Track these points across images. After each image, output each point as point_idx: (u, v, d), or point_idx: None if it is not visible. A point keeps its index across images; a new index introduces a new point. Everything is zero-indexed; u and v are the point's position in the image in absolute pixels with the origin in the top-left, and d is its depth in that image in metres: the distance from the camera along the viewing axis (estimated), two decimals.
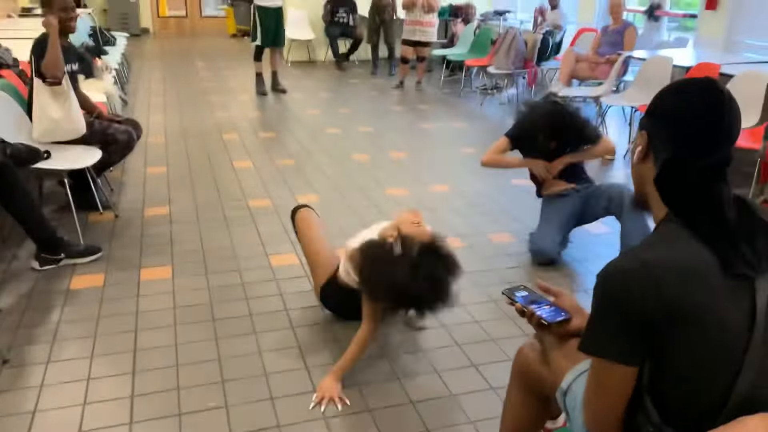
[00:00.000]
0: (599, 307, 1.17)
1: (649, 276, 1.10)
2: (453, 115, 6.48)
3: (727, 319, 1.10)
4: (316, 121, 6.09)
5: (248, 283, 2.96)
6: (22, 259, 3.13)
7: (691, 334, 1.10)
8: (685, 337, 1.10)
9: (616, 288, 1.13)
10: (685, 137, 1.18)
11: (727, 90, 1.19)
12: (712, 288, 1.10)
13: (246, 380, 2.27)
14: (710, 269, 1.11)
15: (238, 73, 8.63)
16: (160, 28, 13.59)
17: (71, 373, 2.28)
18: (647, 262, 1.12)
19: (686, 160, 1.18)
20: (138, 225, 3.59)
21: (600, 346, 1.16)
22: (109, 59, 6.50)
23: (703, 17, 6.05)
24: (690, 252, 1.12)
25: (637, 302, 1.10)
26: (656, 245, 1.16)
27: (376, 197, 4.09)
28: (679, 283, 1.09)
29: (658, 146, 1.22)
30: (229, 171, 4.56)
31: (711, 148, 1.17)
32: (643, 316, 1.10)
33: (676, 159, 1.19)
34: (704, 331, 1.10)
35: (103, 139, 3.63)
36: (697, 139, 1.17)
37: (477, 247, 3.40)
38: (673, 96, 1.22)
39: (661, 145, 1.21)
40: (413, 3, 7.43)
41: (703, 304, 1.09)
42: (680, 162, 1.19)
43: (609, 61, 5.84)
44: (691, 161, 1.18)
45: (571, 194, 3.26)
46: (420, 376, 2.31)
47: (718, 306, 1.10)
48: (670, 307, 1.09)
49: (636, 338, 1.13)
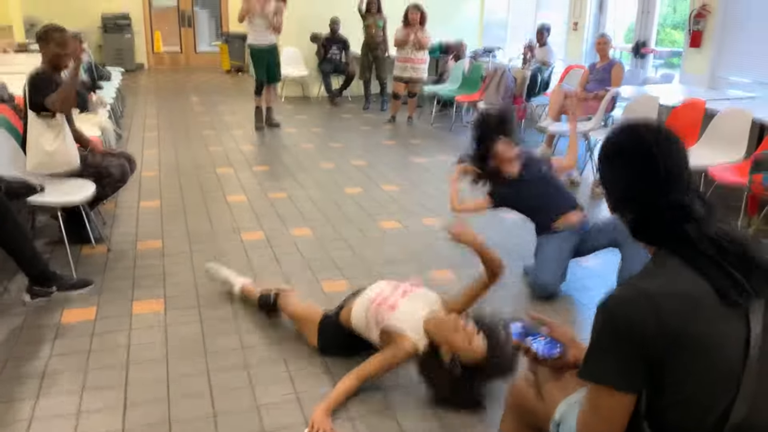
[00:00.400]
0: (599, 336, 1.18)
1: (648, 305, 1.12)
2: (444, 149, 6.56)
3: (724, 346, 1.12)
4: (310, 155, 6.15)
5: (240, 316, 2.95)
6: (12, 292, 3.12)
7: (689, 361, 1.11)
8: (684, 364, 1.11)
9: (617, 317, 1.15)
10: (628, 187, 1.26)
11: (664, 130, 1.23)
12: (709, 316, 1.12)
13: (238, 414, 2.25)
14: (706, 297, 1.13)
15: (232, 108, 8.71)
16: (155, 63, 13.74)
17: (61, 408, 2.26)
18: (646, 292, 1.14)
19: (645, 213, 1.24)
20: (131, 258, 3.59)
21: (600, 373, 1.17)
22: (104, 94, 6.56)
23: (688, 54, 6.20)
24: (686, 281, 1.15)
25: (638, 331, 1.12)
26: (654, 275, 1.18)
27: (369, 230, 4.12)
28: (678, 312, 1.11)
29: (617, 205, 1.31)
30: (223, 204, 4.58)
31: (657, 193, 1.22)
32: (643, 344, 1.12)
33: (636, 217, 1.26)
34: (702, 358, 1.11)
35: (97, 173, 3.65)
36: (639, 187, 1.24)
37: (469, 279, 3.40)
38: (610, 153, 1.31)
39: (619, 204, 1.30)
40: (405, 41, 7.58)
41: (702, 331, 1.11)
42: (642, 218, 1.25)
43: (597, 97, 5.95)
44: (649, 213, 1.23)
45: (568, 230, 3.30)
46: (413, 410, 2.30)
47: (716, 333, 1.12)
48: (669, 335, 1.11)
49: (636, 366, 1.14)
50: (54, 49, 3.41)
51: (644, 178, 1.21)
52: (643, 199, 1.22)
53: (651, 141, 1.21)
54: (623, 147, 1.25)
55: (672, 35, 7.39)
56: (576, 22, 7.83)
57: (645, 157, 1.21)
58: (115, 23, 12.22)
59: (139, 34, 12.96)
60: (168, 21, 13.83)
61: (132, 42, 12.54)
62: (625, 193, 1.24)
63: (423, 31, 7.59)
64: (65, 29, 3.49)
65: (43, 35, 3.42)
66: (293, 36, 9.45)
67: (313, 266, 3.53)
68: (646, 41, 6.96)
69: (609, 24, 7.63)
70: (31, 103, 3.39)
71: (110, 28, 12.19)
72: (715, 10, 5.86)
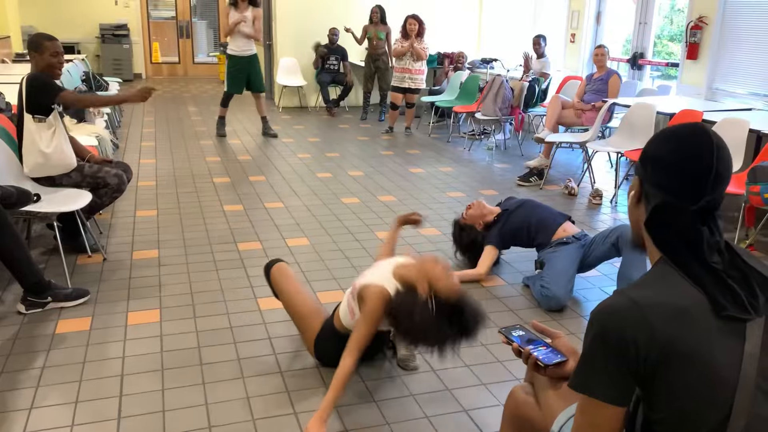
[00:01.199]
0: (591, 346, 1.17)
1: (641, 316, 1.11)
2: (441, 159, 6.56)
3: (717, 361, 1.10)
4: (307, 165, 6.14)
5: (237, 327, 2.93)
6: (7, 303, 3.09)
7: (681, 375, 1.10)
8: (675, 377, 1.10)
9: (608, 328, 1.14)
10: (674, 183, 1.20)
11: (717, 135, 1.21)
12: (704, 329, 1.11)
13: (233, 426, 2.23)
14: (702, 310, 1.12)
15: (229, 118, 8.70)
16: (153, 73, 13.75)
17: (55, 420, 2.23)
18: (639, 302, 1.13)
19: (675, 205, 1.20)
20: (126, 268, 3.57)
21: (590, 385, 1.16)
22: None
23: (685, 66, 6.23)
24: (682, 293, 1.13)
25: (629, 342, 1.11)
26: (649, 285, 1.17)
27: (366, 240, 4.10)
28: (670, 324, 1.10)
29: (649, 191, 1.24)
30: (219, 214, 4.57)
31: (699, 194, 1.19)
32: (634, 356, 1.11)
33: (664, 205, 1.21)
34: (694, 372, 1.10)
35: (93, 182, 3.64)
36: (686, 185, 1.19)
37: (467, 290, 3.39)
38: (663, 142, 1.24)
39: (652, 190, 1.23)
40: (402, 52, 7.60)
41: (694, 345, 1.10)
42: (668, 207, 1.21)
43: (594, 108, 5.96)
44: (680, 206, 1.20)
45: (573, 242, 3.34)
46: (410, 422, 2.28)
47: (709, 347, 1.10)
48: (661, 347, 1.10)
49: (626, 378, 1.13)
50: (49, 58, 3.41)
51: (695, 174, 1.19)
52: (684, 194, 1.19)
53: (714, 141, 1.19)
54: (685, 137, 1.21)
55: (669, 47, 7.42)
56: (573, 33, 7.86)
57: (705, 154, 1.18)
58: (113, 33, 12.25)
59: (137, 45, 12.99)
60: (166, 31, 13.87)
61: (130, 52, 12.56)
62: (667, 181, 1.21)
63: (421, 42, 7.62)
64: (56, 38, 3.50)
65: (36, 45, 3.42)
66: (290, 46, 9.49)
67: (310, 276, 3.52)
68: (644, 53, 6.98)
69: (606, 35, 7.66)
70: (28, 105, 3.39)
71: (108, 39, 12.21)
72: (711, 22, 5.89)
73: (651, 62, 6.98)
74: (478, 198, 3.97)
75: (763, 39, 5.52)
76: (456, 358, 2.70)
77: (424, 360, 2.68)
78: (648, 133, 5.20)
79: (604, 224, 4.59)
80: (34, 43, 3.44)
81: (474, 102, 7.65)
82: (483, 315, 2.25)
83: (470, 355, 2.74)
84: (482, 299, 3.29)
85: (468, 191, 5.33)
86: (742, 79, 5.77)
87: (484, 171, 6.11)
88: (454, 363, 2.67)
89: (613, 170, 5.90)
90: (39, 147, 3.41)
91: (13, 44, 9.07)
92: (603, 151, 5.59)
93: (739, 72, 5.79)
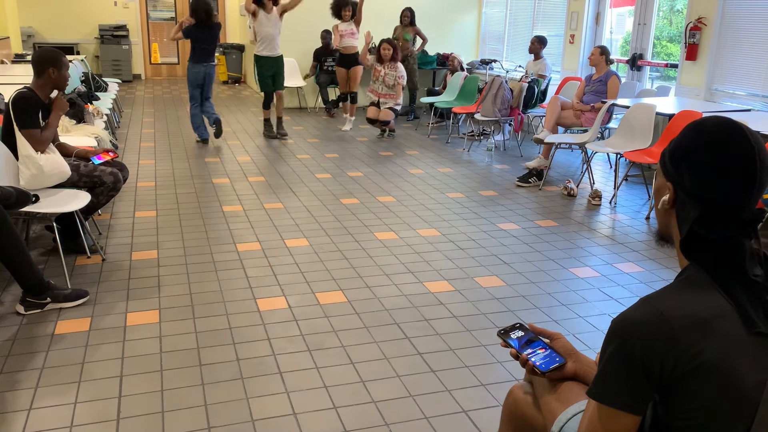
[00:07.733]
0: (613, 356, 1.13)
1: (666, 329, 1.08)
2: (440, 160, 6.56)
3: (742, 376, 1.07)
4: (306, 166, 6.14)
5: (236, 328, 2.93)
6: (6, 304, 3.09)
7: (704, 388, 1.08)
8: (698, 390, 1.08)
9: (630, 340, 1.10)
10: (716, 193, 1.12)
11: (754, 135, 1.13)
12: (731, 343, 1.07)
13: (233, 427, 2.23)
14: (731, 324, 1.08)
15: (229, 119, 8.71)
16: (152, 74, 13.75)
17: (54, 421, 2.23)
18: (665, 314, 1.09)
19: (718, 217, 1.13)
20: (126, 269, 3.56)
21: (610, 395, 1.14)
22: (101, 104, 6.55)
23: (684, 67, 6.23)
24: (711, 304, 1.09)
25: (654, 355, 1.08)
26: (677, 294, 1.13)
27: (365, 241, 4.10)
28: (697, 337, 1.07)
29: (686, 200, 1.16)
30: (218, 215, 4.57)
31: (744, 205, 1.12)
32: (658, 371, 1.09)
33: (705, 217, 1.13)
34: (718, 385, 1.07)
35: (89, 182, 3.65)
36: (729, 196, 1.12)
37: (465, 291, 3.40)
38: (702, 147, 1.14)
39: (689, 200, 1.15)
40: (375, 77, 7.68)
41: (720, 359, 1.07)
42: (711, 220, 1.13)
43: (593, 109, 5.97)
44: (724, 219, 1.13)
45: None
46: (409, 422, 2.28)
47: (735, 362, 1.07)
48: (686, 361, 1.07)
49: (647, 390, 1.11)
50: (66, 73, 3.48)
51: (740, 185, 1.11)
52: (727, 205, 1.12)
53: (756, 146, 1.12)
54: (726, 142, 1.11)
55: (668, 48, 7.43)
56: (573, 34, 7.87)
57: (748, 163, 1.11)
58: (112, 34, 12.24)
59: (136, 45, 12.99)
60: (165, 32, 13.86)
61: (129, 53, 12.55)
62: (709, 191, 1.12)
63: (396, 68, 7.57)
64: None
65: (55, 60, 3.44)
66: (289, 47, 9.48)
67: (309, 277, 3.51)
68: (643, 54, 6.99)
69: (605, 36, 7.67)
70: (17, 123, 3.38)
71: (107, 39, 12.20)
72: (711, 23, 5.89)
73: (650, 63, 6.98)
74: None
75: (762, 40, 5.53)
76: (456, 359, 2.70)
77: (424, 360, 2.68)
78: (647, 134, 5.21)
79: (604, 225, 4.59)
80: (51, 59, 3.43)
81: (473, 103, 7.65)
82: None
83: (470, 356, 2.74)
84: (479, 300, 3.29)
85: (467, 192, 5.33)
86: (741, 80, 5.77)
87: (483, 172, 6.11)
88: (452, 364, 2.67)
89: (612, 171, 5.90)
90: (34, 159, 3.39)
91: (13, 45, 9.06)
92: (602, 152, 5.59)
93: (738, 73, 5.80)
